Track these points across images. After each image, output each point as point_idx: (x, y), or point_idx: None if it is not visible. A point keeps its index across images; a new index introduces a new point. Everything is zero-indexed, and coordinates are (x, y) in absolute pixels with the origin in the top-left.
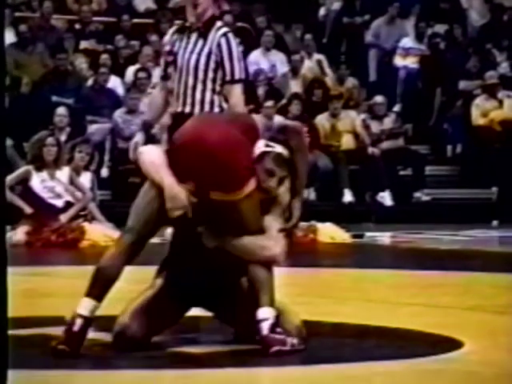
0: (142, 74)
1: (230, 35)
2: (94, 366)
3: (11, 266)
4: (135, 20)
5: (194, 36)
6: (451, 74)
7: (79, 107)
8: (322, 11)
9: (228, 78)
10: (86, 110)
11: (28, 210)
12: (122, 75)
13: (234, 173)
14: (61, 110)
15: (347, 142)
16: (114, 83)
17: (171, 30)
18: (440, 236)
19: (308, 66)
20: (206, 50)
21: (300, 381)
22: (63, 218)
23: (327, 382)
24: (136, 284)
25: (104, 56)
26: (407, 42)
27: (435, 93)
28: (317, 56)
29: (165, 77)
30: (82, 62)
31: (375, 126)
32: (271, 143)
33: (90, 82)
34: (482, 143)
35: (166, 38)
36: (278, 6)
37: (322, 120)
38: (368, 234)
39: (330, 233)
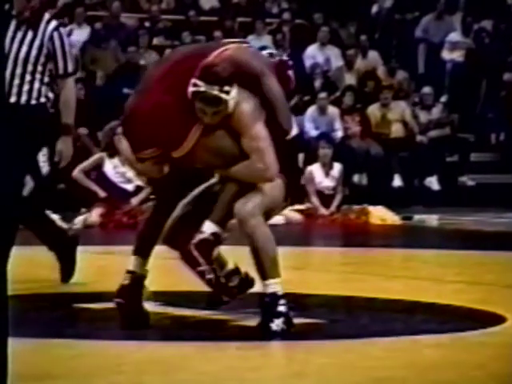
0: None
1: (62, 29)
2: (162, 337)
3: (87, 245)
4: (201, 17)
5: (23, 27)
6: (495, 67)
7: None
8: (374, 8)
9: (61, 72)
10: None
11: (102, 193)
12: None
13: (173, 132)
14: None
15: (397, 130)
16: None
17: None
18: (484, 218)
19: (362, 61)
20: (37, 42)
21: (354, 353)
22: (134, 201)
23: (379, 354)
24: None
25: None
26: (454, 36)
27: (480, 84)
28: (371, 53)
29: None
30: (153, 58)
31: (423, 116)
32: (198, 82)
33: None
34: None
35: None
36: (334, 4)
37: (374, 110)
38: (416, 216)
39: (381, 215)
